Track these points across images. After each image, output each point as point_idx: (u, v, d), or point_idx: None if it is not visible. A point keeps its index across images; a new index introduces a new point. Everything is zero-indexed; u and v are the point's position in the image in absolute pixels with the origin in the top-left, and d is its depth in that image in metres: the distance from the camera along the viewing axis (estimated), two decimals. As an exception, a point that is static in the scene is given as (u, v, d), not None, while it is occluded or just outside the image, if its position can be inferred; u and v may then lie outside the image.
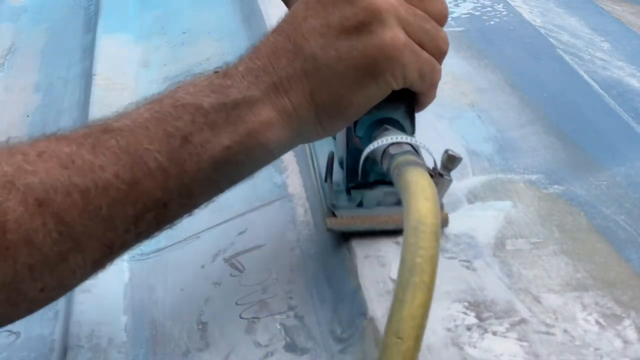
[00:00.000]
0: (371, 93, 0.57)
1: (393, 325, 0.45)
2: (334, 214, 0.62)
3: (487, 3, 1.04)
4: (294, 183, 0.74)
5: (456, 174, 0.70)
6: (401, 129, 0.59)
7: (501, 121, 0.79)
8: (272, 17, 0.92)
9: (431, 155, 0.57)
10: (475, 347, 0.52)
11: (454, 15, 1.01)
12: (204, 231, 0.72)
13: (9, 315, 0.53)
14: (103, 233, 0.52)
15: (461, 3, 1.05)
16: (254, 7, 1.05)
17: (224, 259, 0.67)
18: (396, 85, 0.57)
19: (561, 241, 0.62)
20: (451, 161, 0.57)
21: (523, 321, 0.54)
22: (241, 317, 0.61)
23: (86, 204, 0.51)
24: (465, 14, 1.02)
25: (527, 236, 0.62)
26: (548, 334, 0.53)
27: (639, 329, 0.53)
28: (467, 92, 0.84)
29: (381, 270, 0.59)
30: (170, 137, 0.54)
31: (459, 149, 0.74)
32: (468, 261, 0.60)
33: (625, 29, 1.03)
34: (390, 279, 0.58)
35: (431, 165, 0.57)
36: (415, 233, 0.47)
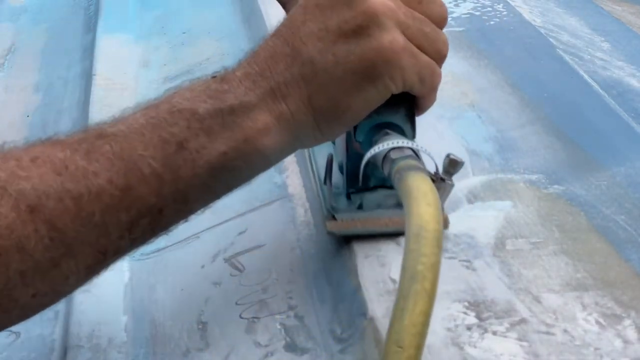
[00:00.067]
0: (370, 97, 0.56)
1: (394, 333, 0.45)
2: (334, 217, 0.62)
3: (487, 3, 1.04)
4: (294, 183, 0.74)
5: (456, 174, 0.70)
6: (401, 133, 0.59)
7: (501, 121, 0.79)
8: (272, 17, 0.92)
9: (432, 160, 0.57)
10: (475, 347, 0.52)
11: (454, 15, 1.01)
12: (204, 231, 0.72)
13: (1, 321, 0.52)
14: (96, 239, 0.52)
15: (461, 3, 1.05)
16: (254, 7, 1.05)
17: (224, 259, 0.67)
18: (395, 89, 0.57)
19: (561, 241, 0.62)
20: (453, 165, 0.57)
21: (523, 321, 0.54)
22: (241, 317, 0.61)
23: (79, 210, 0.51)
24: (465, 14, 1.02)
25: (527, 236, 0.62)
26: (548, 333, 0.53)
27: (639, 329, 0.53)
28: (467, 92, 0.84)
29: (381, 270, 0.59)
30: (165, 143, 0.53)
31: (459, 149, 0.74)
32: (468, 261, 0.60)
33: (625, 29, 1.03)
34: (390, 279, 0.58)
35: (433, 170, 0.57)
36: (417, 239, 0.47)
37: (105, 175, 0.52)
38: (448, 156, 0.57)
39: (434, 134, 0.76)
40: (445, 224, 0.62)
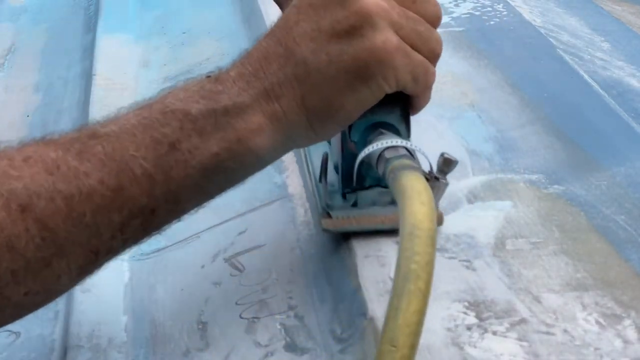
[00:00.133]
0: (363, 97, 0.56)
1: (388, 333, 0.45)
2: (329, 214, 0.62)
3: (487, 3, 1.04)
4: (294, 183, 0.74)
5: (456, 174, 0.70)
6: (396, 132, 0.59)
7: (501, 121, 0.79)
8: (272, 17, 0.92)
9: (427, 159, 0.57)
10: (475, 347, 0.52)
11: (454, 15, 1.01)
12: (204, 231, 0.72)
13: None
14: (88, 239, 0.52)
15: (461, 3, 1.05)
16: (254, 7, 1.05)
17: (224, 259, 0.67)
18: (389, 89, 0.57)
19: (561, 241, 0.62)
20: (447, 164, 0.57)
21: (523, 321, 0.54)
22: (241, 317, 0.61)
23: (70, 210, 0.51)
24: (465, 14, 1.02)
25: (527, 236, 0.62)
26: (548, 333, 0.53)
27: (639, 329, 0.53)
28: (467, 92, 0.84)
29: (381, 270, 0.59)
30: (157, 144, 0.53)
31: (459, 149, 0.74)
32: (468, 261, 0.60)
33: (625, 29, 1.03)
34: (390, 278, 0.58)
35: (427, 169, 0.57)
36: (411, 238, 0.47)
37: (96, 175, 0.52)
38: (442, 155, 0.57)
39: (434, 134, 0.76)
40: (440, 221, 0.62)
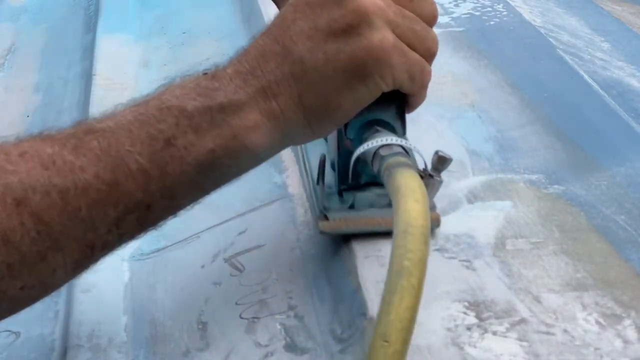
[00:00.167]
0: (360, 95, 0.57)
1: (380, 328, 0.45)
2: (326, 216, 0.62)
3: (487, 3, 1.04)
4: (294, 183, 0.74)
5: (456, 174, 0.70)
6: (392, 130, 0.59)
7: (501, 121, 0.79)
8: (272, 17, 0.92)
9: (421, 157, 0.57)
10: (475, 347, 0.52)
11: (454, 15, 1.01)
12: (204, 231, 0.72)
13: None
14: (83, 234, 0.52)
15: (461, 3, 1.05)
16: (254, 7, 1.05)
17: (224, 259, 0.67)
18: (385, 87, 0.57)
19: (561, 241, 0.62)
20: (441, 162, 0.57)
21: (523, 321, 0.54)
22: (241, 317, 0.61)
23: (65, 204, 0.51)
24: (465, 14, 1.02)
25: (527, 236, 0.62)
26: (548, 333, 0.53)
27: (639, 329, 0.53)
28: (467, 92, 0.84)
29: (381, 270, 0.59)
30: (153, 140, 0.54)
31: (459, 149, 0.74)
32: (468, 261, 0.60)
33: (625, 29, 1.03)
34: (390, 279, 0.58)
35: (422, 167, 0.57)
36: (404, 236, 0.47)
37: (92, 170, 0.52)
38: (436, 153, 0.57)
39: (434, 134, 0.76)
40: (437, 222, 0.62)
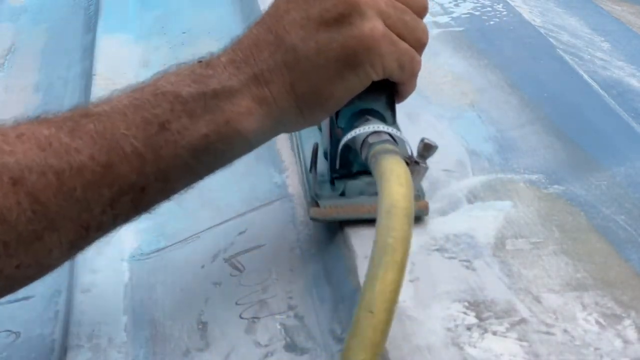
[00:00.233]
0: (351, 84, 0.58)
1: (365, 300, 0.46)
2: (317, 203, 0.63)
3: (487, 3, 1.04)
4: (294, 183, 0.74)
5: (456, 174, 0.70)
6: (382, 119, 0.61)
7: (501, 121, 0.79)
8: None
9: (408, 145, 0.59)
10: (475, 347, 0.52)
11: (454, 15, 1.01)
12: (204, 231, 0.72)
13: None
14: (78, 214, 0.53)
15: (461, 3, 1.05)
16: (254, 7, 1.05)
17: (224, 259, 0.67)
18: (376, 76, 0.58)
19: (561, 241, 0.62)
20: (427, 149, 0.58)
21: (523, 321, 0.54)
22: (241, 317, 0.61)
23: (61, 184, 0.52)
24: (465, 14, 1.02)
25: (527, 236, 0.62)
26: (548, 333, 0.53)
27: (639, 329, 0.53)
28: (467, 92, 0.84)
29: (381, 270, 0.59)
30: (148, 124, 0.55)
31: (459, 149, 0.74)
32: (468, 261, 0.60)
33: (625, 29, 1.03)
34: (390, 279, 0.58)
35: (409, 154, 0.59)
36: (388, 216, 0.49)
37: (87, 152, 0.53)
38: (422, 140, 0.58)
39: (434, 134, 0.76)
40: (426, 210, 0.64)
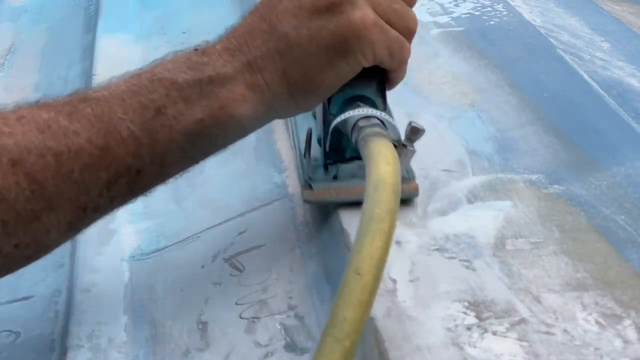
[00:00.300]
0: (342, 71, 0.60)
1: (353, 263, 0.47)
2: (310, 186, 0.65)
3: (487, 3, 1.04)
4: (294, 183, 0.74)
5: (456, 174, 0.70)
6: (373, 105, 0.62)
7: (501, 121, 0.79)
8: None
9: (397, 129, 0.61)
10: (475, 347, 0.52)
11: (454, 15, 1.01)
12: (204, 231, 0.72)
13: None
14: (76, 195, 0.55)
15: (461, 3, 1.05)
16: (254, 7, 1.05)
17: (224, 259, 0.67)
18: (366, 63, 0.60)
19: (561, 241, 0.62)
20: (414, 133, 0.59)
21: (523, 321, 0.54)
22: (241, 317, 0.61)
23: (59, 166, 0.53)
24: (465, 14, 1.02)
25: (527, 236, 0.62)
26: (548, 333, 0.53)
27: (639, 329, 0.53)
28: (467, 92, 0.84)
29: (381, 270, 0.59)
30: (144, 108, 0.56)
31: (459, 149, 0.74)
32: (468, 261, 0.60)
33: (625, 29, 1.03)
34: (390, 279, 0.58)
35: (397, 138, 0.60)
36: (376, 190, 0.50)
37: (85, 135, 0.55)
38: (410, 124, 0.60)
39: (434, 134, 0.76)
40: (416, 191, 0.66)
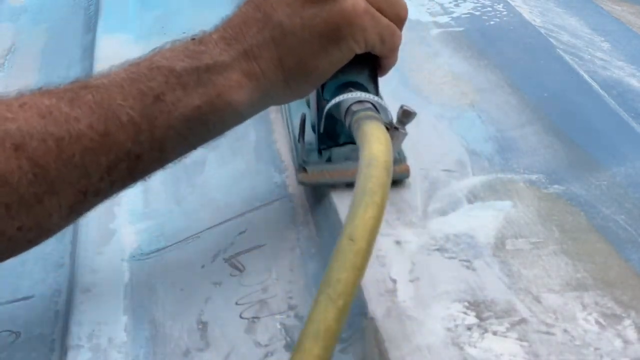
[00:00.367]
0: (335, 58, 0.62)
1: (347, 230, 0.49)
2: (305, 169, 0.67)
3: (487, 3, 1.04)
4: (294, 183, 0.74)
5: (456, 174, 0.70)
6: (365, 91, 0.64)
7: (501, 121, 0.79)
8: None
9: (389, 113, 0.62)
10: (475, 347, 0.52)
11: (454, 15, 1.01)
12: (204, 231, 0.72)
13: None
14: (77, 179, 0.56)
15: (461, 3, 1.05)
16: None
17: (224, 259, 0.67)
18: (358, 49, 0.62)
19: (561, 241, 0.62)
20: (406, 116, 0.61)
21: (523, 321, 0.54)
22: (241, 317, 0.61)
23: (60, 151, 0.55)
24: (465, 14, 1.02)
25: (527, 236, 0.62)
26: (548, 333, 0.53)
27: (639, 329, 0.53)
28: (467, 92, 0.84)
29: (381, 270, 0.59)
30: (143, 95, 0.58)
31: (459, 149, 0.74)
32: (468, 261, 0.60)
33: (625, 29, 1.03)
34: (390, 279, 0.58)
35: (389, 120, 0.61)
36: (368, 166, 0.52)
37: (86, 121, 0.56)
38: (402, 107, 0.61)
39: (434, 134, 0.76)
40: (407, 173, 0.67)
